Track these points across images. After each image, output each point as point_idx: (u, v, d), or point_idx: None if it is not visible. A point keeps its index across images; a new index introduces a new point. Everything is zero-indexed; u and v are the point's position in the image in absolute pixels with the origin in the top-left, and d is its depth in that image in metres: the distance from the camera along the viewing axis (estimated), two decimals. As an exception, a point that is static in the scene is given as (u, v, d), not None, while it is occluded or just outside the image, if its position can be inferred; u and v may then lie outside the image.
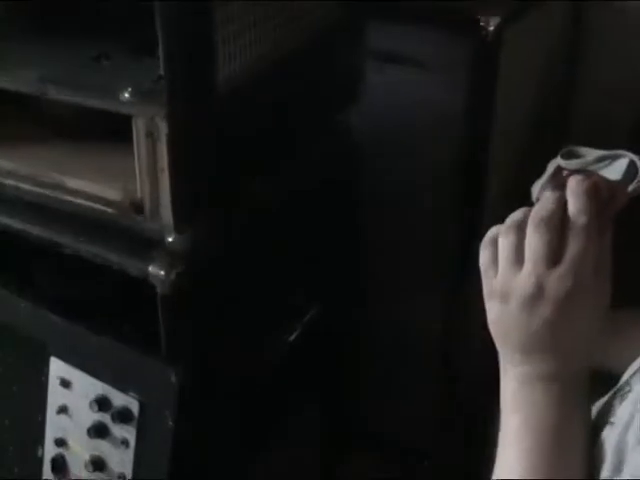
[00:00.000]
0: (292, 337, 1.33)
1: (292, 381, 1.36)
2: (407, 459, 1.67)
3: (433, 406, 1.63)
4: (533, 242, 0.73)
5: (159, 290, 1.07)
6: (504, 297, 0.75)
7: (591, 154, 0.84)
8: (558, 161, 0.84)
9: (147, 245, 1.07)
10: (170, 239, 1.05)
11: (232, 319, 1.18)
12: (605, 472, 0.71)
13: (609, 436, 0.73)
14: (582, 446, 0.73)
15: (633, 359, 0.81)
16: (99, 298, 1.20)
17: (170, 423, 1.08)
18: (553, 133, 1.62)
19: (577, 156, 0.85)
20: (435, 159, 1.41)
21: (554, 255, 0.72)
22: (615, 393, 0.78)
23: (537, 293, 0.72)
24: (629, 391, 0.75)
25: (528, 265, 0.73)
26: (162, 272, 1.05)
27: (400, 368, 1.60)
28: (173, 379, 1.07)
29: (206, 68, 1.00)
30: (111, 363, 1.12)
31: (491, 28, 1.23)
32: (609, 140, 0.90)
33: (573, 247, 0.72)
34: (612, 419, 0.74)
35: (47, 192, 1.12)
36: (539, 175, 0.89)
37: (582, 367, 0.75)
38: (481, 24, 1.24)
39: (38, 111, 1.18)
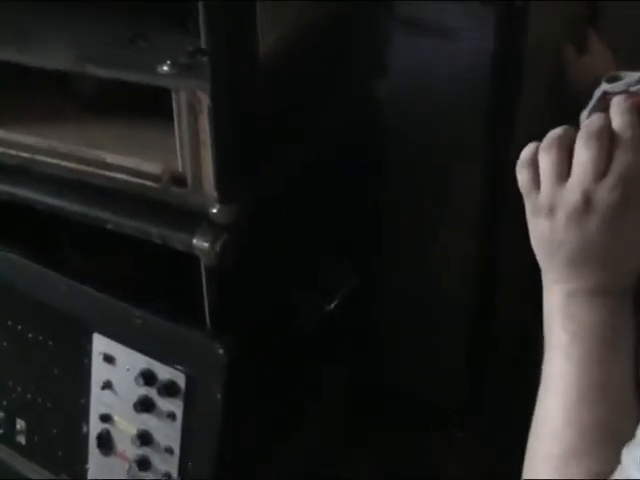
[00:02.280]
0: (328, 305, 1.40)
1: (325, 348, 1.44)
2: (439, 418, 1.74)
3: (465, 364, 1.71)
4: (581, 156, 0.78)
5: (204, 262, 1.14)
6: (550, 211, 0.80)
7: (634, 75, 0.91)
8: (603, 87, 0.90)
9: (190, 218, 1.14)
10: (214, 210, 1.13)
11: (272, 288, 1.27)
12: None
13: None
14: (631, 356, 0.79)
15: None
16: (140, 274, 1.28)
17: (218, 395, 1.16)
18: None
19: (621, 79, 0.91)
20: (462, 128, 1.48)
21: (602, 169, 0.77)
22: None
23: (585, 205, 0.77)
24: None
25: (575, 178, 0.78)
26: (206, 244, 1.12)
27: (429, 328, 1.67)
28: (220, 352, 1.15)
29: (248, 40, 1.08)
30: (155, 337, 1.20)
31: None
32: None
33: (620, 160, 0.77)
34: None
35: (87, 169, 1.19)
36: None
37: (630, 281, 0.81)
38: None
39: (74, 90, 1.26)
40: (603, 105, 0.84)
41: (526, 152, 0.83)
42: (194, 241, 1.13)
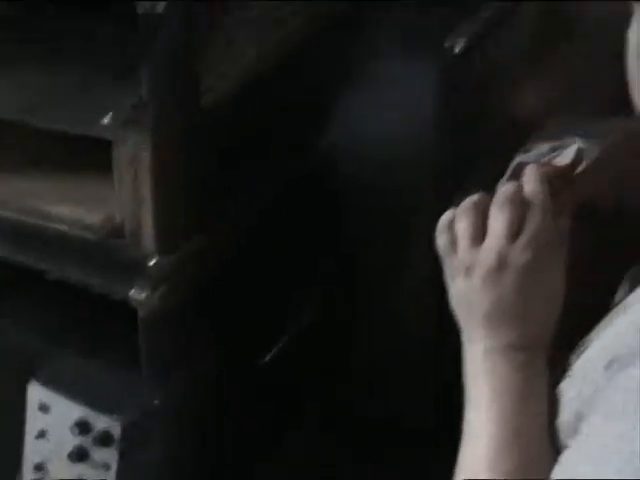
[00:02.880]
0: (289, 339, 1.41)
1: (291, 381, 1.43)
2: (409, 442, 1.74)
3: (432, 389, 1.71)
4: (496, 220, 0.84)
5: (140, 313, 1.16)
6: (467, 271, 0.85)
7: (544, 147, 0.97)
8: (517, 158, 0.97)
9: (129, 269, 1.16)
10: (151, 263, 1.15)
11: (226, 327, 1.27)
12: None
13: (566, 388, 0.83)
14: (545, 407, 0.83)
15: None
16: (79, 322, 1.29)
17: (154, 445, 1.18)
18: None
19: (533, 150, 0.98)
20: (412, 178, 1.49)
21: (515, 231, 0.84)
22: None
23: (500, 265, 0.83)
24: (585, 349, 0.84)
25: (490, 240, 0.84)
26: (143, 295, 1.14)
27: (397, 355, 1.67)
28: (156, 401, 1.17)
29: (191, 93, 1.12)
30: (91, 386, 1.21)
31: (457, 51, 1.34)
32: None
33: (532, 223, 0.84)
34: (569, 373, 0.84)
35: (26, 219, 1.21)
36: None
37: (545, 337, 0.86)
38: (446, 47, 1.35)
39: (14, 138, 1.28)
40: (517, 174, 0.90)
41: (444, 218, 0.88)
42: (131, 292, 1.15)
